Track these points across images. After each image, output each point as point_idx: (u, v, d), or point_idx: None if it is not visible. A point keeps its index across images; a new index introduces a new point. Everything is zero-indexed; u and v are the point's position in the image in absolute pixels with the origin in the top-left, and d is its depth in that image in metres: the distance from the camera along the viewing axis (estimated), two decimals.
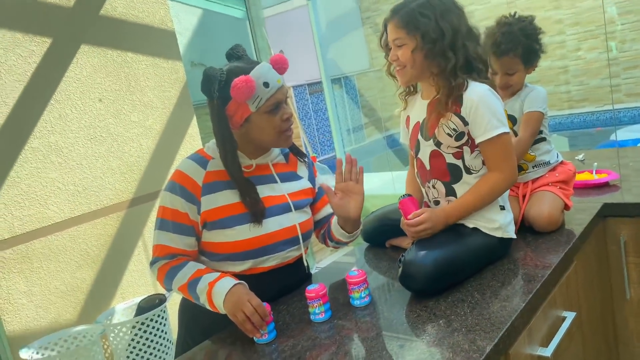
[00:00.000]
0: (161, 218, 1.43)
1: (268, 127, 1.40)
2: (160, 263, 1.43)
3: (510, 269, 1.38)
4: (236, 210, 1.40)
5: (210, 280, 1.34)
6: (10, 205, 2.52)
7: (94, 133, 2.83)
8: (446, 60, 1.38)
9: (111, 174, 2.89)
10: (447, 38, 1.38)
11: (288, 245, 1.46)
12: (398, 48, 1.43)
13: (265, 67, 1.38)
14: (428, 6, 1.40)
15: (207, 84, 1.34)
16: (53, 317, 2.66)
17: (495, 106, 1.40)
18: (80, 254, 2.77)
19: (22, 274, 2.55)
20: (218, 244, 1.40)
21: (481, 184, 1.42)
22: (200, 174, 1.41)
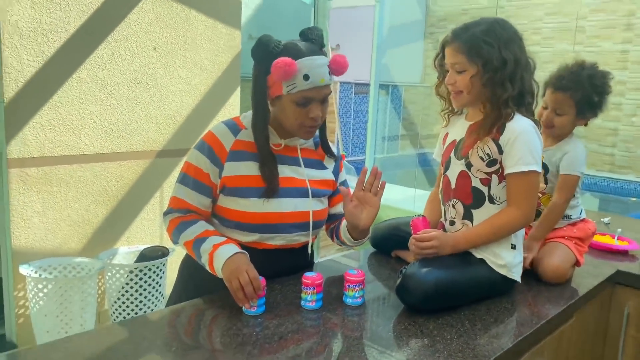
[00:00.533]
0: (184, 173, 1.46)
1: (291, 116, 1.41)
2: (173, 215, 1.47)
3: (506, 308, 1.38)
4: (255, 183, 1.42)
5: (215, 243, 1.37)
6: (46, 127, 2.60)
7: (141, 79, 2.89)
8: (503, 91, 1.38)
9: (147, 121, 2.96)
10: (508, 68, 1.38)
11: (297, 229, 1.48)
12: (457, 73, 1.43)
13: (319, 61, 1.38)
14: (492, 34, 1.39)
15: (260, 48, 1.37)
16: (59, 243, 2.74)
17: (534, 143, 1.40)
18: (99, 190, 2.84)
19: (41, 195, 2.63)
20: (230, 210, 1.43)
21: (497, 217, 1.42)
22: (230, 140, 1.44)
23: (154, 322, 1.31)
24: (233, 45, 3.28)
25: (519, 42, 1.43)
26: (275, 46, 1.37)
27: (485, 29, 1.40)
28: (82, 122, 2.71)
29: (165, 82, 2.99)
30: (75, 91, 2.66)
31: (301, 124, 1.42)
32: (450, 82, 1.45)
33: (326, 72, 1.39)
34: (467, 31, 1.41)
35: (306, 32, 1.45)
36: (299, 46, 1.39)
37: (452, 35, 1.44)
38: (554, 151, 1.75)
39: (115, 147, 2.85)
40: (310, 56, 1.37)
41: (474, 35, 1.39)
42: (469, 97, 1.44)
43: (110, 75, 2.77)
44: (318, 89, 1.38)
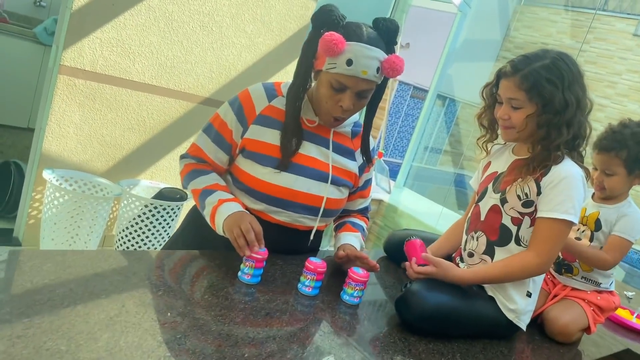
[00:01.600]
0: (210, 123, 1.45)
1: (323, 96, 1.35)
2: (188, 160, 1.46)
3: (502, 353, 1.32)
4: (275, 152, 1.38)
5: (222, 198, 1.34)
6: (105, 44, 2.62)
7: (207, 22, 2.87)
8: (558, 135, 1.30)
9: (202, 65, 2.95)
10: (569, 112, 1.29)
11: (306, 211, 1.43)
12: (512, 108, 1.33)
13: (371, 52, 1.30)
14: (556, 71, 1.29)
15: (321, 15, 1.31)
16: (87, 158, 2.77)
17: (577, 192, 1.30)
18: (138, 119, 2.85)
19: (82, 108, 2.66)
20: (244, 173, 1.40)
21: (512, 260, 1.33)
22: (263, 103, 1.40)
23: (150, 260, 1.29)
24: (305, 14, 3.23)
25: (581, 80, 1.34)
26: (337, 18, 1.30)
27: (548, 64, 1.30)
28: (140, 49, 2.72)
29: (230, 32, 2.97)
30: (141, 17, 2.66)
31: (328, 110, 1.36)
32: (504, 117, 1.36)
33: (374, 66, 1.31)
34: (528, 65, 1.31)
35: (379, 21, 1.37)
36: (361, 29, 1.31)
37: (511, 67, 1.33)
38: (612, 210, 1.67)
39: (165, 83, 2.85)
40: (365, 44, 1.30)
41: (537, 72, 1.29)
42: (520, 134, 1.36)
43: (178, 10, 2.76)
44: (356, 79, 1.30)
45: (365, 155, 1.53)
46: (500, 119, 1.37)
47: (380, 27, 1.36)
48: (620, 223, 1.64)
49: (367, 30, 1.33)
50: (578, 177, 1.31)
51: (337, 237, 1.57)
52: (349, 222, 1.61)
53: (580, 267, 1.68)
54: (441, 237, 1.60)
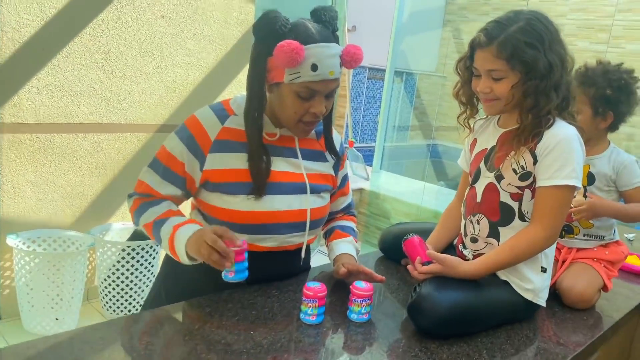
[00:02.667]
0: (156, 157, 1.30)
1: (290, 108, 1.23)
2: (135, 197, 1.32)
3: (528, 337, 1.24)
4: (243, 178, 1.25)
5: (175, 224, 1.21)
6: (43, 92, 2.46)
7: (147, 47, 2.73)
8: (547, 100, 1.20)
9: (150, 93, 2.80)
10: (556, 75, 1.20)
11: (292, 229, 1.32)
12: (494, 80, 1.24)
13: (331, 50, 1.20)
14: (534, 33, 1.19)
15: (264, 25, 1.18)
16: (50, 214, 2.61)
17: (576, 154, 1.22)
18: (96, 162, 2.70)
19: (34, 163, 2.50)
20: (215, 207, 1.27)
21: (518, 240, 1.24)
22: (216, 127, 1.27)
23: (130, 327, 1.16)
24: (245, 19, 3.10)
25: (560, 37, 1.24)
26: (282, 25, 1.18)
27: (524, 27, 1.20)
28: (82, 89, 2.56)
29: (172, 53, 2.83)
30: (76, 56, 2.51)
31: (299, 119, 1.25)
32: (485, 91, 1.25)
33: (337, 64, 1.21)
34: (503, 30, 1.20)
35: (319, 12, 1.25)
36: (310, 29, 1.20)
37: (485, 36, 1.22)
38: (602, 160, 1.62)
39: (115, 118, 2.70)
40: (322, 43, 1.19)
41: (514, 37, 1.19)
42: (505, 106, 1.26)
43: (114, 41, 2.61)
44: (325, 82, 1.20)
45: (332, 153, 1.43)
46: (482, 92, 1.27)
47: (322, 19, 1.25)
48: (626, 175, 1.59)
49: (315, 27, 1.22)
50: (574, 137, 1.23)
51: (330, 247, 1.48)
52: (337, 228, 1.51)
53: (580, 225, 1.62)
54: (437, 226, 1.51)
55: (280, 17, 1.19)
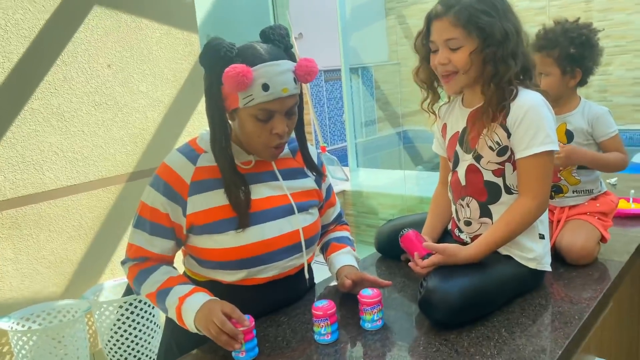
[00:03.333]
0: (139, 215, 1.27)
1: (252, 132, 1.21)
2: (129, 264, 1.29)
3: (541, 305, 1.24)
4: (228, 214, 1.23)
5: (180, 295, 1.18)
6: (4, 168, 2.39)
7: (99, 100, 2.68)
8: (506, 68, 1.21)
9: (113, 144, 2.75)
10: (511, 41, 1.20)
11: (289, 253, 1.29)
12: (451, 50, 1.23)
13: (281, 67, 1.17)
14: (488, 2, 1.21)
15: (208, 55, 1.16)
16: (38, 288, 2.54)
17: (545, 119, 1.22)
18: (73, 225, 2.63)
19: (10, 241, 2.42)
20: (207, 250, 1.24)
21: (511, 215, 1.24)
22: (189, 170, 1.23)
23: None
24: (192, 50, 3.07)
25: (513, 10, 1.26)
26: (227, 50, 1.15)
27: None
28: (43, 156, 2.50)
29: (126, 99, 2.78)
30: (29, 124, 2.44)
31: (264, 142, 1.22)
32: (443, 62, 1.25)
33: (290, 80, 1.18)
34: (458, 1, 1.22)
35: (267, 32, 1.23)
36: (258, 50, 1.18)
37: (442, 6, 1.24)
38: (576, 116, 1.63)
39: (83, 177, 2.64)
40: (271, 61, 1.16)
41: (470, 5, 1.20)
42: (465, 78, 1.26)
43: (65, 101, 2.55)
44: (280, 100, 1.17)
45: (313, 170, 1.40)
46: (440, 65, 1.26)
47: (271, 38, 1.23)
48: (600, 126, 1.61)
49: (263, 47, 1.20)
50: (540, 102, 1.23)
51: (329, 261, 1.46)
52: (332, 241, 1.50)
53: (568, 183, 1.63)
54: (428, 215, 1.50)
55: (223, 43, 1.17)
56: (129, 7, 2.76)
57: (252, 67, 1.14)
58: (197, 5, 3.20)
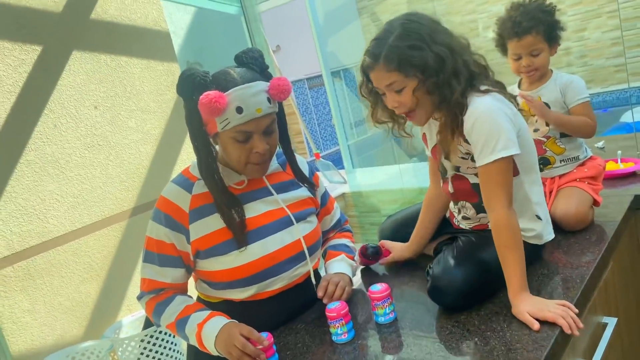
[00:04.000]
0: (147, 250, 1.31)
1: (233, 154, 1.25)
2: (146, 298, 1.34)
3: (544, 274, 1.28)
4: (228, 235, 1.28)
5: (199, 322, 1.23)
6: (8, 222, 2.43)
7: (91, 141, 2.73)
8: (451, 90, 1.19)
9: (111, 182, 2.80)
10: (449, 63, 1.18)
11: (294, 263, 1.34)
12: (396, 93, 1.24)
13: (253, 88, 1.20)
14: (412, 35, 1.18)
15: (184, 85, 1.21)
16: (59, 334, 2.57)
17: (497, 124, 1.18)
18: (84, 267, 2.68)
19: (25, 292, 2.46)
20: (215, 272, 1.29)
21: (498, 236, 1.19)
22: (186, 199, 1.28)
23: None
24: (174, 79, 3.12)
25: (440, 27, 1.23)
26: (201, 78, 1.20)
27: (401, 33, 1.20)
28: (45, 205, 2.54)
29: (117, 137, 2.83)
30: (27, 175, 2.49)
31: (246, 162, 1.26)
32: (394, 105, 1.26)
33: (264, 100, 1.22)
34: (383, 45, 1.20)
35: (240, 56, 1.28)
36: (231, 74, 1.22)
37: (370, 57, 1.23)
38: (550, 87, 1.68)
39: (87, 219, 2.69)
40: (243, 84, 1.20)
41: (395, 46, 1.19)
42: (423, 110, 1.27)
43: (58, 148, 2.60)
44: (255, 121, 1.22)
45: (303, 182, 1.45)
46: (393, 107, 1.28)
47: (245, 62, 1.28)
48: (570, 92, 1.65)
49: (236, 71, 1.24)
50: (488, 107, 1.20)
51: (325, 268, 1.50)
52: (329, 249, 1.54)
53: (554, 154, 1.68)
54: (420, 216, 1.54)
55: (197, 72, 1.21)
56: (107, 47, 2.82)
57: (225, 92, 1.18)
58: (172, 34, 3.26)
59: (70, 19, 2.65)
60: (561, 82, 1.67)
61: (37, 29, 2.53)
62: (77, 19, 2.69)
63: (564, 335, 1.04)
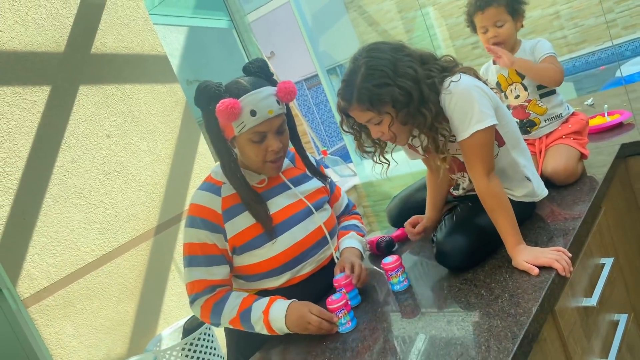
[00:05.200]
0: (190, 255, 1.40)
1: (251, 154, 1.38)
2: (201, 300, 1.40)
3: (540, 227, 1.39)
4: (259, 229, 1.41)
5: (263, 309, 1.34)
6: (43, 254, 2.58)
7: (109, 169, 2.87)
8: (423, 118, 1.26)
9: (132, 205, 2.94)
10: (415, 95, 1.25)
11: (319, 247, 1.48)
12: (377, 125, 1.32)
13: (263, 93, 1.34)
14: (377, 73, 1.24)
15: (200, 97, 1.35)
16: (104, 353, 2.72)
17: (466, 102, 1.25)
18: (119, 288, 2.82)
19: (68, 318, 2.61)
20: (252, 265, 1.42)
21: (485, 202, 1.28)
22: (217, 201, 1.41)
23: None
24: (178, 99, 3.27)
25: (402, 54, 1.28)
26: (215, 89, 1.34)
27: (365, 72, 1.25)
28: (75, 234, 2.69)
29: (132, 161, 2.98)
30: (54, 210, 2.64)
31: (263, 160, 1.40)
32: (378, 135, 1.35)
33: (274, 102, 1.36)
34: (352, 88, 1.27)
35: (248, 67, 1.43)
36: (242, 83, 1.36)
37: (343, 101, 1.32)
38: (522, 56, 1.75)
39: (115, 243, 2.84)
40: (254, 90, 1.34)
41: (364, 88, 1.25)
42: (404, 136, 1.36)
43: (79, 179, 2.75)
44: (268, 122, 1.35)
45: (316, 175, 1.59)
46: (380, 137, 1.36)
47: (252, 71, 1.42)
48: (537, 51, 1.73)
49: (246, 80, 1.38)
50: (461, 86, 1.26)
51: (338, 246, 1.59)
52: (340, 229, 1.66)
53: (538, 115, 1.78)
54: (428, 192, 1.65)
55: (211, 84, 1.35)
56: (110, 77, 2.96)
57: (238, 98, 1.32)
58: (169, 55, 3.40)
59: (72, 56, 2.80)
60: (530, 47, 1.76)
61: (43, 70, 2.68)
62: (79, 55, 2.83)
63: (560, 277, 1.15)
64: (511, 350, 0.95)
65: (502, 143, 1.38)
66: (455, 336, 1.07)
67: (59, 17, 2.77)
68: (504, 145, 1.39)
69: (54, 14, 2.75)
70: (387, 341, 1.17)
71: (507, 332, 1.00)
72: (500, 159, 1.39)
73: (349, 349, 1.19)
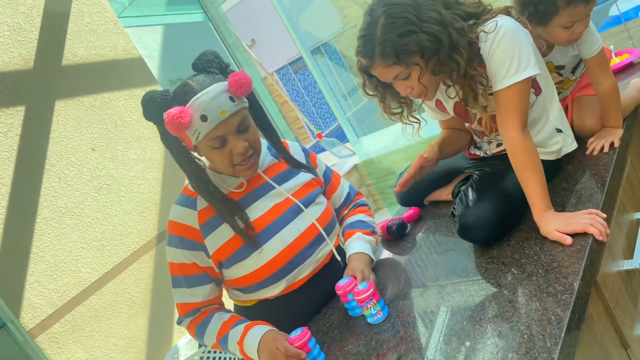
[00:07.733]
0: (172, 275, 1.34)
1: (216, 160, 1.24)
2: (185, 323, 1.36)
3: (565, 188, 1.26)
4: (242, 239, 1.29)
5: (237, 340, 1.24)
6: (43, 281, 2.48)
7: (99, 183, 2.75)
8: (456, 63, 1.14)
9: (129, 217, 2.83)
10: (444, 38, 1.11)
11: (315, 246, 1.34)
12: (404, 81, 1.20)
13: (210, 93, 1.17)
14: (399, 21, 1.10)
15: (148, 110, 1.20)
16: None
17: (518, 43, 1.13)
18: (127, 304, 2.72)
19: (78, 343, 2.52)
20: (242, 278, 1.30)
21: (514, 159, 1.17)
22: (193, 216, 1.28)
23: None
24: None
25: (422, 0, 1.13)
26: (162, 99, 1.19)
27: (386, 22, 1.12)
28: (73, 256, 2.58)
29: (122, 172, 2.85)
30: (48, 233, 2.53)
31: (232, 164, 1.25)
32: (407, 91, 1.22)
33: (226, 101, 1.18)
34: (372, 42, 1.14)
35: (197, 64, 1.26)
36: (190, 85, 1.20)
37: (364, 57, 1.18)
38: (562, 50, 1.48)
39: (116, 258, 2.73)
40: (201, 92, 1.18)
41: (386, 39, 1.12)
42: (432, 89, 1.24)
43: (69, 199, 2.63)
44: (224, 123, 1.19)
45: (298, 167, 1.44)
46: (408, 94, 1.25)
47: (202, 67, 1.26)
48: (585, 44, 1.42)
49: (195, 80, 1.22)
50: (511, 26, 1.14)
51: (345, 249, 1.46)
52: (346, 228, 1.52)
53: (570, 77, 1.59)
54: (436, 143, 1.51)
55: (155, 94, 1.20)
56: (86, 88, 2.83)
57: (186, 104, 1.17)
58: (148, 57, 3.26)
59: (43, 71, 2.66)
60: None
61: (15, 90, 2.55)
62: (50, 70, 2.70)
63: (598, 242, 1.03)
64: (559, 337, 0.83)
65: (539, 92, 1.25)
66: (490, 326, 0.95)
67: (23, 33, 2.63)
68: (541, 93, 1.25)
69: (17, 29, 2.61)
70: (413, 340, 1.05)
71: (550, 315, 0.88)
72: (535, 109, 1.26)
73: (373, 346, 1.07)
